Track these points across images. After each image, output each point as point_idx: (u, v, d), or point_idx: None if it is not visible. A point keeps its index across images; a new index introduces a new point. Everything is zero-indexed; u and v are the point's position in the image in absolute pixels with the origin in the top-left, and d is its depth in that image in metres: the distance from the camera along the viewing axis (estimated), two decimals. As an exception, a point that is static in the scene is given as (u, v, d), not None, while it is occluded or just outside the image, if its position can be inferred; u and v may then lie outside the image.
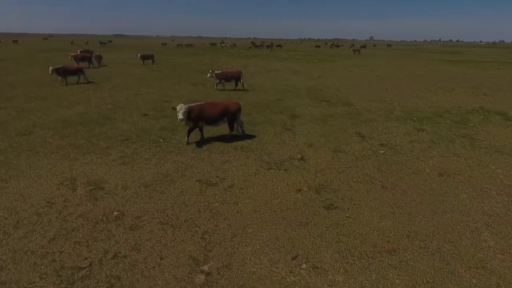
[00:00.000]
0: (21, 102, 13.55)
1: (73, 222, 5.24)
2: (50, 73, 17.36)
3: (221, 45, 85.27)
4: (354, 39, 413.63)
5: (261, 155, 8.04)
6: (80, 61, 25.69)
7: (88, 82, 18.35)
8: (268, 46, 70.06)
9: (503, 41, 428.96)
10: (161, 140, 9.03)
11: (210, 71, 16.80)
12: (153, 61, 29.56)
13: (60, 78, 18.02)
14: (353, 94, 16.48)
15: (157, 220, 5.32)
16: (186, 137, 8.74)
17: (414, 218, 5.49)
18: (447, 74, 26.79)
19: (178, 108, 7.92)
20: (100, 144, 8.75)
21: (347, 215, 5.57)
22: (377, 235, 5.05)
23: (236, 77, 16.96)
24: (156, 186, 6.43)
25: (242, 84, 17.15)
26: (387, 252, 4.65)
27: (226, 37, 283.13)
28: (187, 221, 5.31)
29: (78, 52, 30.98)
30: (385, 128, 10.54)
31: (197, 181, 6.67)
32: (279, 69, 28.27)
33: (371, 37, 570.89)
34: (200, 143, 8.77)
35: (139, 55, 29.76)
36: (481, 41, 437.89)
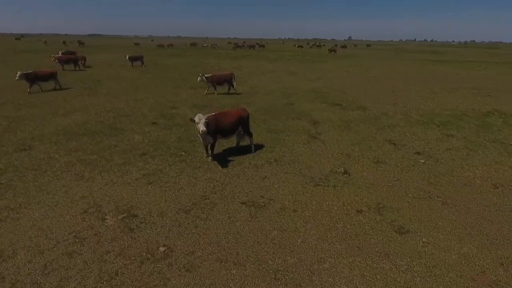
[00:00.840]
0: (9, 110, 12.27)
1: (113, 263, 4.37)
2: (17, 78, 15.18)
3: (202, 45, 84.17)
4: (333, 39, 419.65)
5: (300, 169, 7.34)
6: (65, 63, 24.07)
7: (62, 89, 16.68)
8: (250, 47, 69.28)
9: (474, 41, 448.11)
10: (183, 154, 8.16)
11: (200, 74, 15.70)
12: (142, 63, 28.24)
13: (29, 85, 15.61)
14: (361, 97, 16.08)
15: (214, 256, 4.52)
16: (206, 153, 7.89)
17: (496, 241, 4.95)
18: (441, 74, 27.01)
19: (197, 119, 7.03)
20: (115, 159, 7.78)
21: (424, 239, 4.97)
22: (467, 264, 4.47)
23: (228, 80, 16.04)
24: (198, 211, 5.60)
25: (234, 87, 16.31)
26: (490, 287, 4.05)
27: (207, 37, 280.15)
28: (250, 256, 4.54)
29: (60, 54, 29.18)
30: (413, 134, 10.08)
31: (242, 203, 5.88)
32: (274, 70, 27.66)
33: (350, 37, 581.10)
34: (225, 156, 7.97)
35: (127, 56, 28.34)
36: (453, 41, 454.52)
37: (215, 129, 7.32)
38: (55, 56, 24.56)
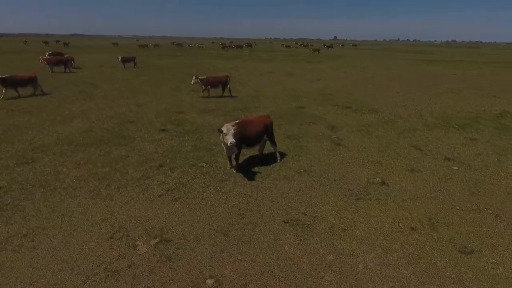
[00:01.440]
0: (1, 117, 11.37)
1: (158, 302, 3.74)
2: None
3: (189, 45, 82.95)
4: (318, 39, 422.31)
5: (334, 180, 6.85)
6: (55, 65, 22.93)
7: (44, 94, 15.30)
8: (237, 46, 68.66)
9: (455, 41, 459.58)
10: (204, 165, 7.55)
11: (194, 77, 14.94)
12: (135, 64, 27.26)
13: (3, 90, 14.08)
14: (368, 99, 15.77)
15: (272, 289, 3.94)
16: (229, 164, 7.32)
17: None
18: (438, 75, 27.10)
19: (225, 129, 6.43)
20: (131, 172, 7.11)
21: (492, 260, 4.55)
22: (548, 288, 4.03)
23: (223, 82, 15.42)
24: (238, 233, 5.03)
25: (229, 90, 15.63)
26: None
27: (194, 38, 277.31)
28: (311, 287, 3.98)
29: (46, 55, 27.88)
30: (436, 139, 9.75)
31: (284, 222, 5.34)
32: (271, 71, 27.16)
33: (335, 36, 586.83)
34: (250, 167, 7.41)
35: (119, 57, 27.31)
36: (435, 40, 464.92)
37: (240, 138, 6.75)
38: (44, 57, 23.27)
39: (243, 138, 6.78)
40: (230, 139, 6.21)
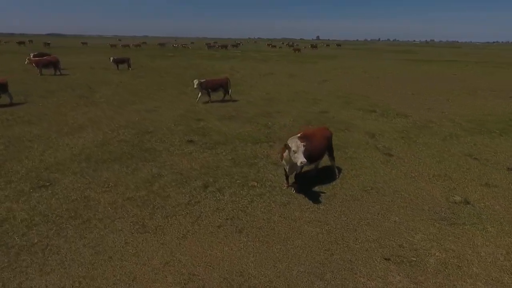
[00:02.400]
0: None
1: None
2: None
3: (173, 45, 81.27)
4: (301, 39, 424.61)
5: (411, 200, 6.04)
6: (44, 67, 21.23)
7: (13, 104, 12.86)
8: (222, 46, 67.58)
9: (433, 40, 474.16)
10: (256, 184, 6.58)
11: (196, 80, 13.69)
12: (129, 66, 25.77)
13: None
14: (388, 101, 15.21)
15: None
16: (286, 183, 6.42)
17: None
18: (438, 75, 27.00)
19: (293, 146, 5.48)
20: (174, 196, 6.07)
21: None
22: None
23: (223, 86, 14.43)
24: (335, 276, 4.19)
25: (230, 93, 14.66)
26: None
27: (177, 37, 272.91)
28: None
29: (31, 56, 25.95)
30: (485, 146, 9.15)
31: (385, 259, 4.48)
32: (272, 72, 26.30)
33: (317, 36, 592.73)
34: (308, 185, 6.52)
35: (111, 58, 25.73)
36: (414, 40, 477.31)
37: (306, 155, 5.80)
38: (32, 59, 21.48)
39: (308, 154, 5.85)
40: (301, 158, 5.28)
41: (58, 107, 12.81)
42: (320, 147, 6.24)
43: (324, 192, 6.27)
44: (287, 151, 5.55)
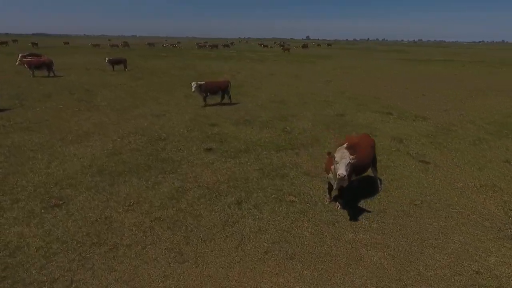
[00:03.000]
0: None
1: None
2: None
3: (162, 45, 79.62)
4: (291, 38, 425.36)
5: (469, 215, 5.54)
6: (37, 69, 20.17)
7: (7, 109, 11.90)
8: (212, 46, 66.80)
9: (421, 40, 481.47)
10: (294, 199, 5.96)
11: (195, 83, 12.87)
12: (125, 67, 24.81)
13: None
14: (401, 103, 14.88)
15: None
16: (328, 197, 5.84)
17: None
18: (439, 75, 26.93)
19: (337, 157, 4.88)
20: (206, 215, 5.44)
21: None
22: None
23: (223, 88, 13.64)
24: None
25: (230, 97, 13.89)
26: None
27: (167, 37, 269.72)
28: None
29: (19, 57, 24.67)
30: (518, 150, 8.68)
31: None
32: (272, 73, 25.73)
33: (307, 36, 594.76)
34: (351, 200, 5.95)
35: (107, 59, 24.74)
36: (402, 40, 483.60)
37: (354, 167, 5.21)
38: (25, 60, 20.36)
39: (357, 166, 5.25)
40: (342, 171, 4.65)
41: (58, 112, 11.95)
42: (367, 157, 5.67)
43: (371, 210, 5.66)
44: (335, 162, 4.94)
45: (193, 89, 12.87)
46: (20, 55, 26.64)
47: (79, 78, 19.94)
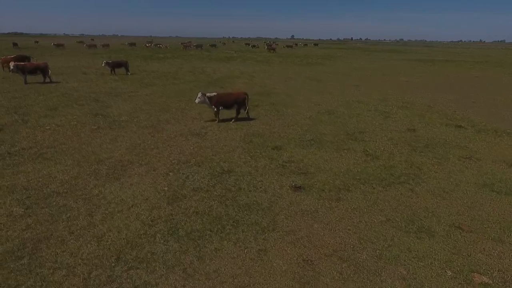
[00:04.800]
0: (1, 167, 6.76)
1: None
2: None
3: (145, 45, 75.71)
4: (276, 38, 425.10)
5: None
6: (30, 73, 17.50)
7: (5, 128, 9.66)
8: (197, 46, 64.57)
9: (402, 39, 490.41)
10: (488, 281, 3.96)
11: (201, 93, 10.77)
12: (127, 70, 22.30)
13: None
14: (460, 111, 13.38)
15: None
16: None
17: None
18: (462, 77, 25.78)
19: None
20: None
21: None
22: None
23: (239, 102, 11.06)
24: None
25: (247, 111, 11.41)
26: None
27: (151, 36, 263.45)
28: None
29: (5, 58, 21.82)
30: None
31: None
32: (291, 76, 23.89)
33: (292, 36, 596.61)
34: None
35: (105, 62, 22.15)
36: (385, 39, 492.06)
37: None
38: (19, 64, 17.54)
39: None
40: None
41: (73, 130, 9.62)
42: None
43: None
44: None
45: (196, 101, 10.67)
46: (3, 56, 23.65)
47: (81, 85, 17.41)
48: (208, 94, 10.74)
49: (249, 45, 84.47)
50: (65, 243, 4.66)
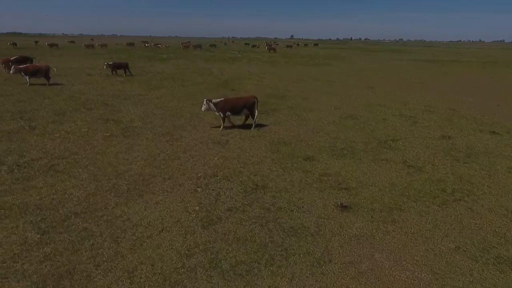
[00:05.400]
0: (14, 190, 6.05)
1: None
2: None
3: (145, 45, 74.79)
4: (275, 38, 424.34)
5: None
6: (32, 76, 16.75)
7: (10, 135, 8.91)
8: (196, 46, 63.87)
9: (401, 39, 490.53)
10: None
11: (206, 100, 10.16)
12: (128, 71, 21.48)
13: None
14: (487, 116, 12.81)
15: None
16: None
17: None
18: (475, 78, 25.06)
19: None
20: None
21: None
22: None
23: (248, 107, 10.19)
24: None
25: (255, 118, 10.42)
26: None
27: (151, 36, 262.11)
28: None
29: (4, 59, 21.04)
30: None
31: None
32: (301, 78, 23.36)
33: (292, 35, 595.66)
34: None
35: (106, 64, 21.36)
36: (384, 39, 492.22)
37: None
38: (17, 67, 16.77)
39: None
40: None
41: (85, 138, 8.91)
42: None
43: None
44: None
45: (203, 109, 10.14)
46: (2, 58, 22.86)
47: (86, 88, 16.67)
48: (214, 100, 10.09)
49: (249, 45, 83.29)
50: (91, 279, 3.96)
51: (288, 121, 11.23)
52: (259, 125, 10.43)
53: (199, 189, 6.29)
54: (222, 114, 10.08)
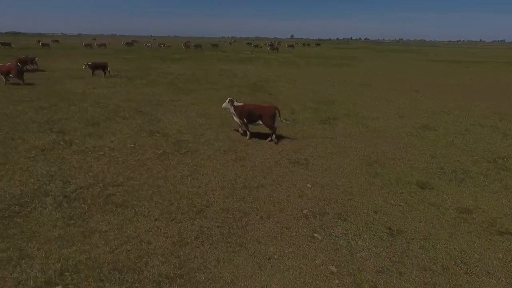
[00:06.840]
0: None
1: None
2: None
3: (146, 44, 73.13)
4: (275, 37, 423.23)
5: None
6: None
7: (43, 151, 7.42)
8: (196, 46, 62.59)
9: (402, 39, 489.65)
10: None
11: (229, 99, 9.13)
12: (107, 71, 19.66)
13: None
14: None
15: None
16: None
17: None
18: (505, 80, 23.51)
19: None
20: None
21: None
22: None
23: (266, 119, 8.76)
24: None
25: (275, 131, 8.91)
26: None
27: (152, 36, 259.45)
28: None
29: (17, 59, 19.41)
30: None
31: None
32: (333, 79, 21.52)
33: (292, 35, 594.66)
34: None
35: (85, 64, 19.58)
36: (384, 39, 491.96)
37: None
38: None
39: None
40: None
41: (135, 158, 7.35)
42: None
43: None
44: None
45: (223, 105, 9.23)
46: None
47: (110, 92, 15.05)
48: (235, 103, 8.97)
49: (251, 44, 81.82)
50: None
51: (358, 132, 9.70)
52: (330, 138, 8.83)
53: (316, 236, 4.71)
54: (240, 121, 8.95)
